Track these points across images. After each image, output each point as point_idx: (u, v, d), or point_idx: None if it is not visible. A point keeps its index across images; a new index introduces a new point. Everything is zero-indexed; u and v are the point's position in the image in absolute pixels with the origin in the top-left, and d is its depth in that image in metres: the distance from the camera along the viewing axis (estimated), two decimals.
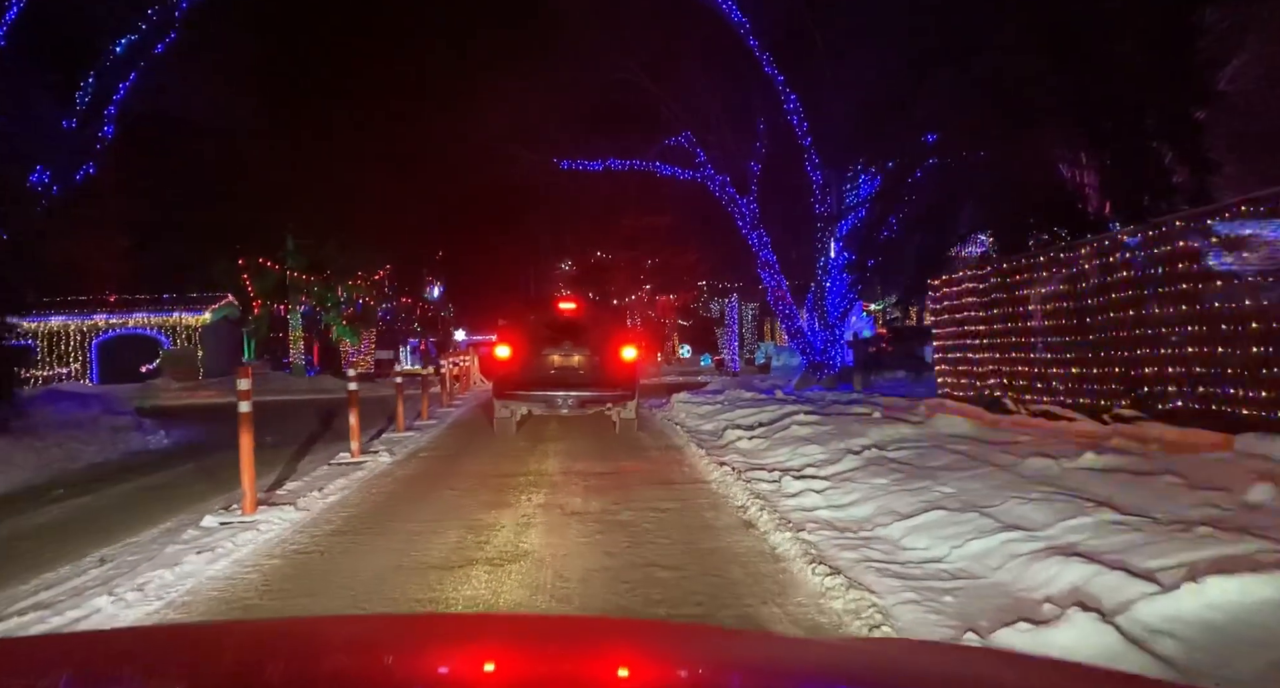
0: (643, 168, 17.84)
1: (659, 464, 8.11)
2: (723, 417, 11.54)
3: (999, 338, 9.36)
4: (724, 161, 17.31)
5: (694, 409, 13.01)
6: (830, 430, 8.52)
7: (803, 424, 9.08)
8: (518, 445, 9.82)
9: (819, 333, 16.60)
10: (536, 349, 10.02)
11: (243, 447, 5.67)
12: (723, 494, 6.35)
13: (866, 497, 5.52)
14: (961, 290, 10.36)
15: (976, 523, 4.38)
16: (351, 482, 7.22)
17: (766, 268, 16.86)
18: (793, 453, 7.85)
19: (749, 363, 38.30)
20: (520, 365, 10.03)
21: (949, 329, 11.05)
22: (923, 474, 5.87)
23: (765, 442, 8.68)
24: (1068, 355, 8.14)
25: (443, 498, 6.47)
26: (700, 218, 35.69)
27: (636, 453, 9.01)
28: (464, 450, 9.50)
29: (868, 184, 16.51)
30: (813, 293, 16.73)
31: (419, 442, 10.26)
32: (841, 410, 10.16)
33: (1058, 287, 8.22)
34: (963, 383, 10.68)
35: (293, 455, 9.39)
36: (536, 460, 8.52)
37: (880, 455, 6.81)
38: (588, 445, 9.77)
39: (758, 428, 9.79)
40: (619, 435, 10.66)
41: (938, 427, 8.01)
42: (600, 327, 10.73)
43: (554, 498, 6.34)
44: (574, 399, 9.92)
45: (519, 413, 10.41)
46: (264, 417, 10.57)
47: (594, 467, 7.99)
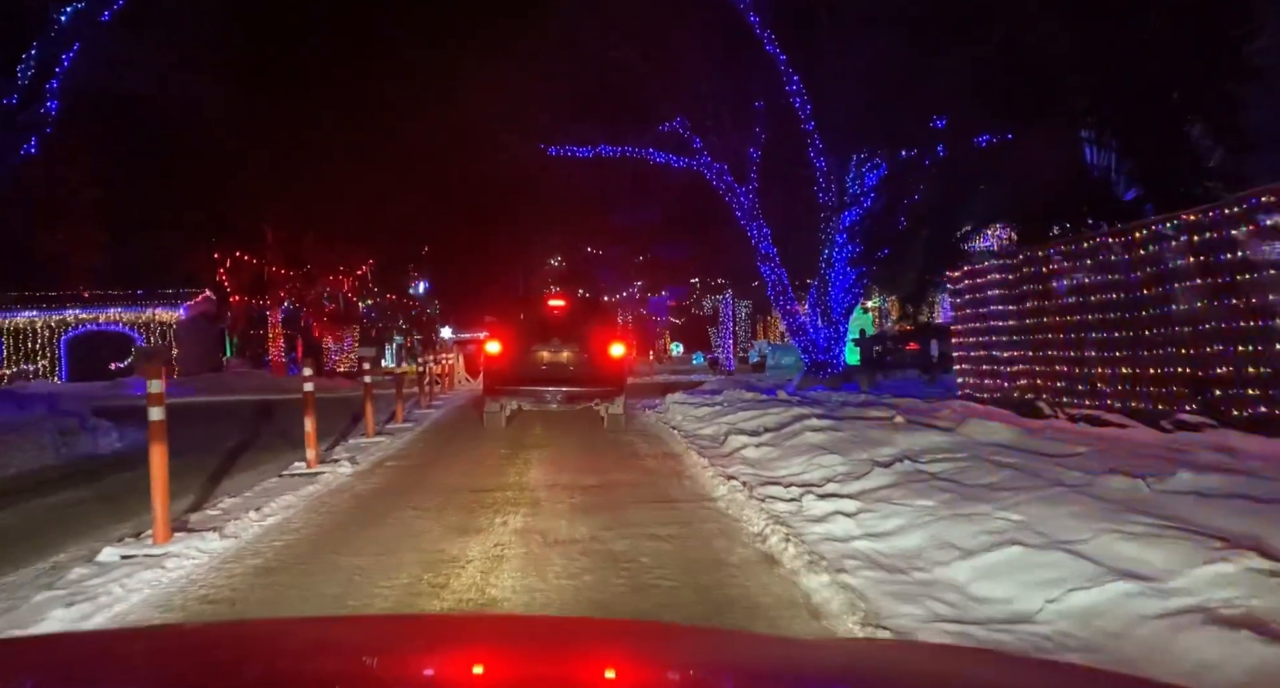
0: (635, 155, 16.86)
1: (656, 476, 7.13)
2: (723, 420, 10.58)
3: (1032, 334, 8.43)
4: (721, 149, 16.34)
5: (691, 411, 12.04)
6: (848, 437, 7.56)
7: (815, 429, 8.13)
8: (498, 452, 8.84)
9: (822, 330, 15.67)
10: (526, 345, 10.10)
11: (154, 463, 4.66)
12: (733, 516, 5.37)
13: (912, 523, 4.56)
14: (987, 282, 9.43)
15: (1071, 566, 3.42)
16: (299, 498, 6.21)
17: (766, 261, 15.91)
18: (808, 464, 6.89)
19: (743, 361, 37.39)
20: (510, 361, 10.10)
21: (971, 325, 10.12)
22: (974, 494, 4.92)
23: (775, 450, 7.71)
24: (1117, 353, 7.21)
25: (402, 521, 5.47)
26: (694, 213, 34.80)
27: (630, 461, 8.03)
28: (437, 459, 8.50)
29: (874, 172, 15.58)
30: (815, 287, 15.79)
31: (388, 448, 9.25)
32: (856, 414, 9.21)
33: (1105, 276, 7.29)
34: (987, 383, 9.75)
35: (244, 464, 8.38)
36: (517, 470, 7.53)
37: (914, 469, 5.85)
38: (575, 452, 8.79)
39: (764, 433, 8.82)
40: (610, 441, 9.70)
41: (972, 434, 7.07)
42: (589, 323, 10.75)
43: (534, 520, 5.36)
44: (562, 395, 9.97)
45: (509, 408, 10.49)
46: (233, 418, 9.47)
47: (582, 478, 7.01)
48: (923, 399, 11.16)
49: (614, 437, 10.13)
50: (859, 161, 14.82)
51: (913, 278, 12.35)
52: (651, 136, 16.82)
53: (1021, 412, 8.61)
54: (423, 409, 14.34)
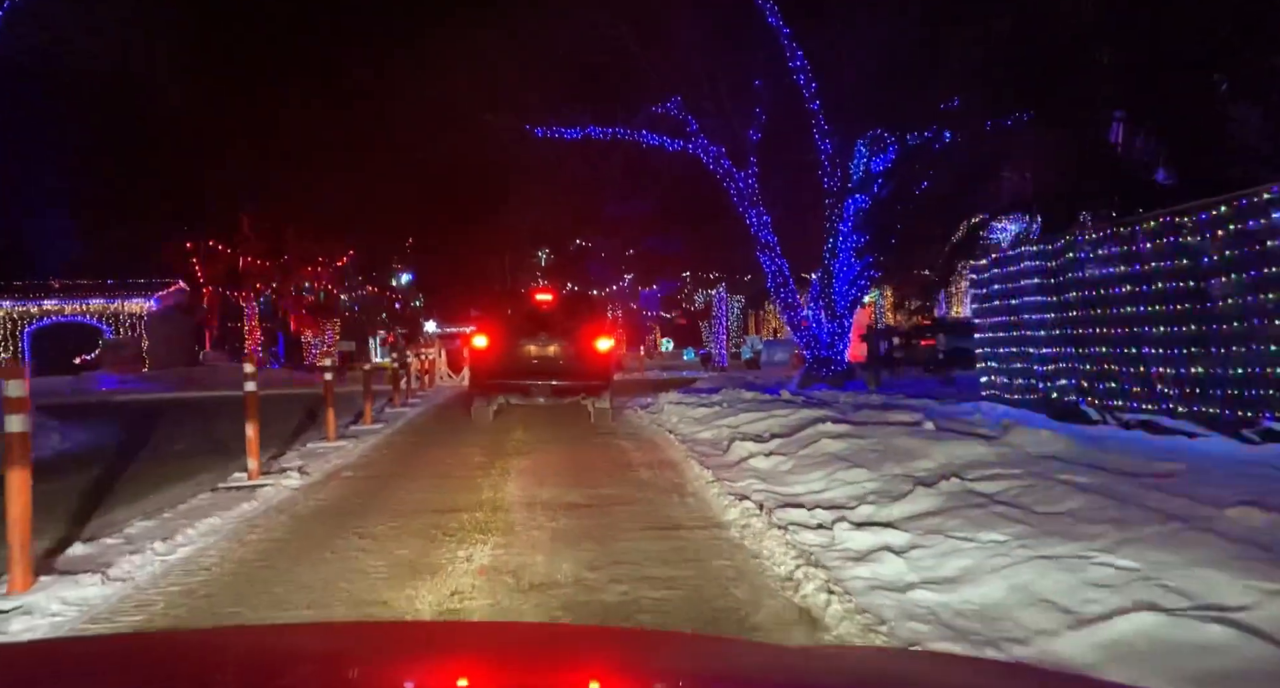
0: (627, 137, 15.81)
1: (653, 491, 6.13)
2: (724, 423, 9.60)
3: (1075, 327, 7.47)
4: (719, 131, 15.33)
5: (687, 412, 11.05)
6: (872, 447, 6.58)
7: (832, 436, 7.15)
8: (472, 460, 7.81)
9: (825, 325, 14.70)
10: (513, 340, 10.09)
11: (10, 492, 3.61)
12: (751, 550, 4.37)
13: (982, 565, 3.58)
14: (1020, 271, 8.47)
15: (1246, 649, 2.44)
16: (226, 521, 5.17)
17: (766, 250, 14.92)
18: (830, 478, 5.91)
19: (734, 358, 36.45)
20: (497, 356, 10.12)
21: (999, 318, 9.16)
22: (1053, 526, 3.94)
23: (788, 460, 6.73)
24: (1184, 350, 6.26)
25: (344, 555, 4.45)
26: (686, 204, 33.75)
27: (622, 471, 7.03)
28: (402, 468, 7.46)
29: (881, 157, 14.60)
30: (819, 279, 14.82)
31: (348, 455, 8.21)
32: (874, 417, 8.23)
33: (1171, 261, 6.33)
34: (1018, 383, 8.80)
35: (182, 473, 7.32)
36: (493, 484, 6.51)
37: (965, 489, 4.87)
38: (560, 460, 7.78)
39: (771, 439, 7.84)
40: (599, 446, 8.70)
41: (1020, 444, 6.10)
42: (577, 318, 10.69)
43: (506, 554, 4.35)
44: (549, 389, 9.99)
45: (496, 403, 10.51)
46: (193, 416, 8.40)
47: (567, 494, 6.01)
48: (940, 400, 10.21)
49: (604, 441, 9.13)
50: (868, 144, 13.84)
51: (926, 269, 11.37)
52: (645, 118, 15.78)
53: (1061, 416, 7.66)
54: (396, 408, 13.29)
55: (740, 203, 15.13)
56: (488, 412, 10.47)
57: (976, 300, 9.76)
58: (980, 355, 9.75)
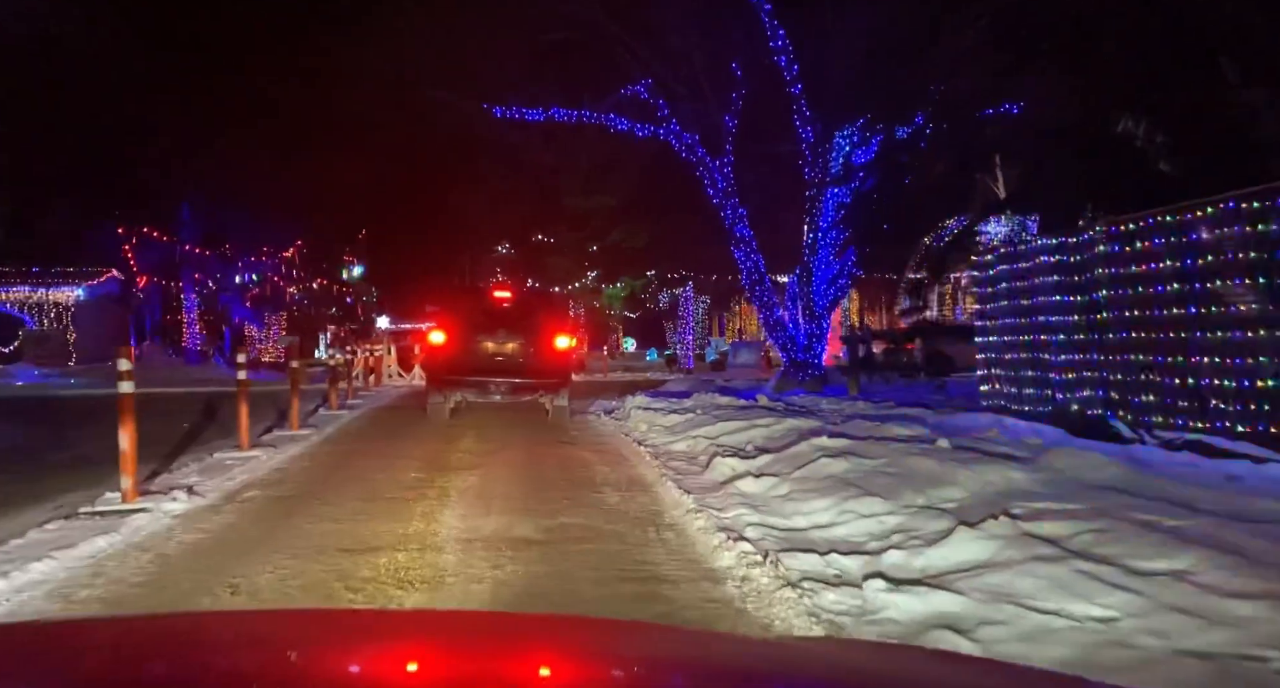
0: (594, 120, 14.68)
1: (623, 523, 5.01)
2: (700, 433, 8.52)
3: (1104, 331, 6.54)
4: (693, 117, 14.28)
5: (657, 419, 9.95)
6: (882, 468, 5.54)
7: (829, 453, 6.10)
8: (407, 476, 6.62)
9: (803, 326, 13.72)
10: (471, 336, 9.97)
11: None
12: (759, 619, 3.28)
13: (1104, 661, 2.53)
14: (1035, 267, 7.53)
15: None
16: (60, 567, 3.92)
17: (741, 245, 13.90)
18: (839, 509, 4.86)
19: (699, 359, 35.48)
20: (454, 352, 9.99)
21: (1006, 320, 8.22)
22: (1178, 598, 2.91)
23: (782, 483, 5.66)
24: (1249, 360, 5.34)
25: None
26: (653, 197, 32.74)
27: (585, 494, 5.90)
28: (318, 488, 6.23)
29: (865, 149, 13.69)
30: (797, 277, 13.83)
31: (259, 469, 6.94)
32: (874, 431, 7.21)
33: (1232, 255, 5.41)
34: (1028, 394, 7.86)
35: (49, 490, 6.03)
36: (427, 510, 5.34)
37: (1021, 532, 3.83)
38: (513, 476, 6.63)
39: (759, 455, 6.78)
40: (559, 460, 7.56)
41: (1062, 467, 5.11)
42: (536, 315, 10.56)
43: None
44: (507, 386, 9.85)
45: (453, 399, 10.33)
46: (105, 416, 7.25)
47: (517, 525, 4.87)
48: (936, 410, 9.25)
49: (564, 453, 8.00)
50: (852, 133, 12.89)
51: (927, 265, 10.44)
52: (613, 101, 14.67)
53: (1084, 431, 6.71)
54: (332, 410, 11.97)
55: (715, 194, 14.09)
56: (444, 409, 10.22)
57: (980, 300, 8.83)
58: (982, 361, 8.81)
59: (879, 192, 12.85)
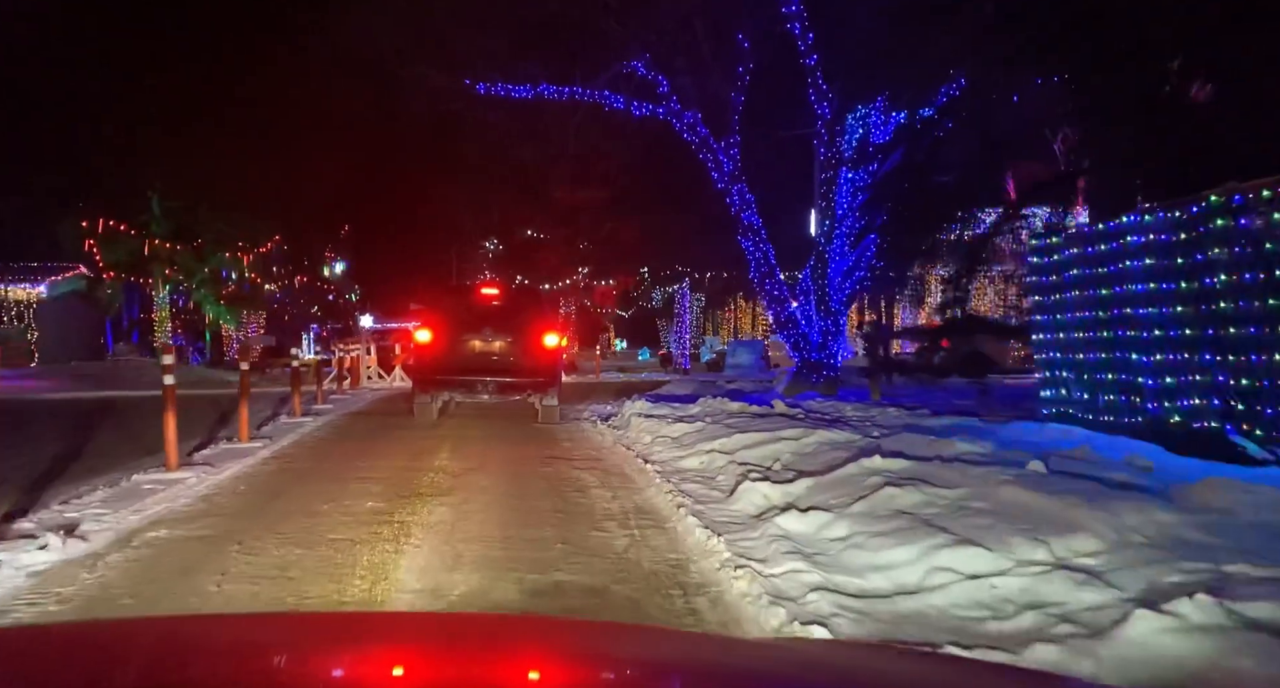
0: (587, 98, 13.41)
1: (639, 584, 3.74)
2: (715, 446, 7.28)
3: (1221, 325, 5.32)
4: (695, 93, 13.03)
5: (662, 428, 8.70)
6: (968, 501, 4.30)
7: (894, 480, 4.86)
8: (361, 506, 5.34)
9: (817, 322, 12.48)
10: (458, 335, 9.77)
11: None
12: None
13: None
14: (1119, 250, 6.31)
15: None
16: None
17: (749, 234, 12.65)
18: (928, 563, 3.62)
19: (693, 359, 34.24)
20: (441, 351, 9.77)
21: (1076, 314, 7.00)
22: None
23: (838, 521, 4.40)
24: None
25: None
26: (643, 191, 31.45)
27: (584, 532, 4.63)
28: (245, 524, 4.92)
29: (884, 128, 12.46)
30: (810, 269, 12.60)
31: (181, 496, 5.63)
32: (933, 449, 5.96)
33: None
34: (1106, 401, 6.63)
35: None
36: (375, 561, 4.06)
37: (1241, 621, 2.59)
38: (492, 505, 5.35)
39: (796, 478, 5.53)
40: (550, 483, 6.29)
41: (1218, 504, 3.88)
42: (524, 313, 10.28)
43: None
44: (495, 385, 9.62)
45: (440, 399, 10.11)
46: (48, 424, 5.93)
47: (494, 585, 3.61)
48: (985, 418, 8.02)
49: (556, 473, 6.74)
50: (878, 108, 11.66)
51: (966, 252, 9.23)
52: (608, 79, 13.40)
53: (1189, 448, 5.49)
54: (296, 417, 10.64)
55: (720, 178, 12.84)
56: (431, 410, 9.96)
57: (1037, 290, 7.61)
58: (1041, 362, 7.59)
59: (902, 174, 11.63)
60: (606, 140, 21.72)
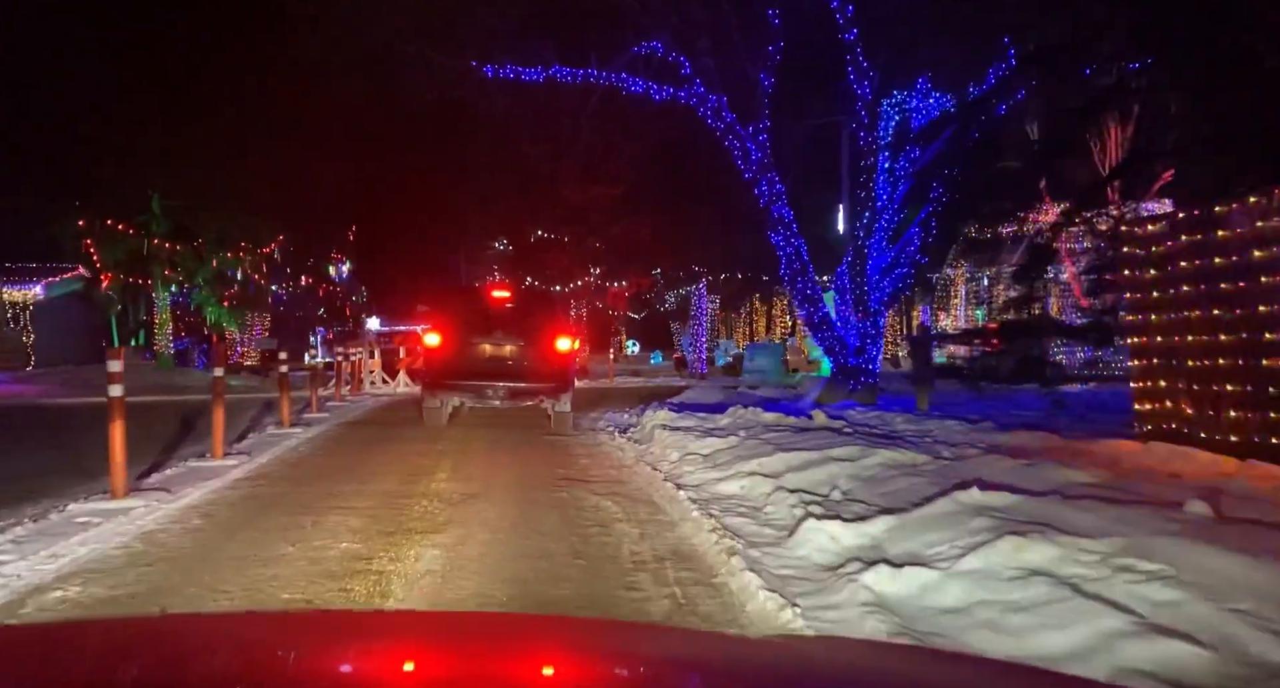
0: (602, 81, 12.38)
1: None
2: (755, 467, 6.25)
3: None
4: (720, 76, 11.99)
5: (690, 443, 7.66)
6: (1126, 560, 3.24)
7: (1009, 523, 3.80)
8: (334, 549, 4.32)
9: (854, 324, 11.40)
10: (467, 339, 9.58)
11: None
12: None
13: None
14: (1243, 238, 5.22)
15: None
16: None
17: (780, 228, 11.58)
18: (1110, 659, 2.54)
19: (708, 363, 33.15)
20: (450, 355, 9.59)
21: (1184, 313, 5.93)
22: None
23: (948, 582, 3.35)
24: None
25: None
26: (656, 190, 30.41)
27: (611, 591, 3.59)
28: (190, 573, 3.90)
29: (929, 109, 11.40)
30: (847, 266, 11.51)
31: (115, 536, 4.61)
32: (1043, 478, 4.88)
33: None
34: (1230, 417, 5.54)
35: None
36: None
37: None
38: (497, 547, 4.31)
39: (873, 516, 4.47)
40: (565, 513, 5.26)
41: None
42: (535, 316, 10.06)
43: None
44: (505, 391, 9.40)
45: (449, 404, 9.90)
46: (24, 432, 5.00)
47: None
48: (1063, 434, 6.93)
49: (572, 500, 5.70)
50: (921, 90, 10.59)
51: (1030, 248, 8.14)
52: (626, 60, 12.39)
53: None
54: (284, 428, 9.64)
55: (747, 168, 11.78)
56: (440, 415, 9.73)
57: (1132, 287, 6.52)
58: (1139, 369, 6.50)
59: (949, 162, 10.56)
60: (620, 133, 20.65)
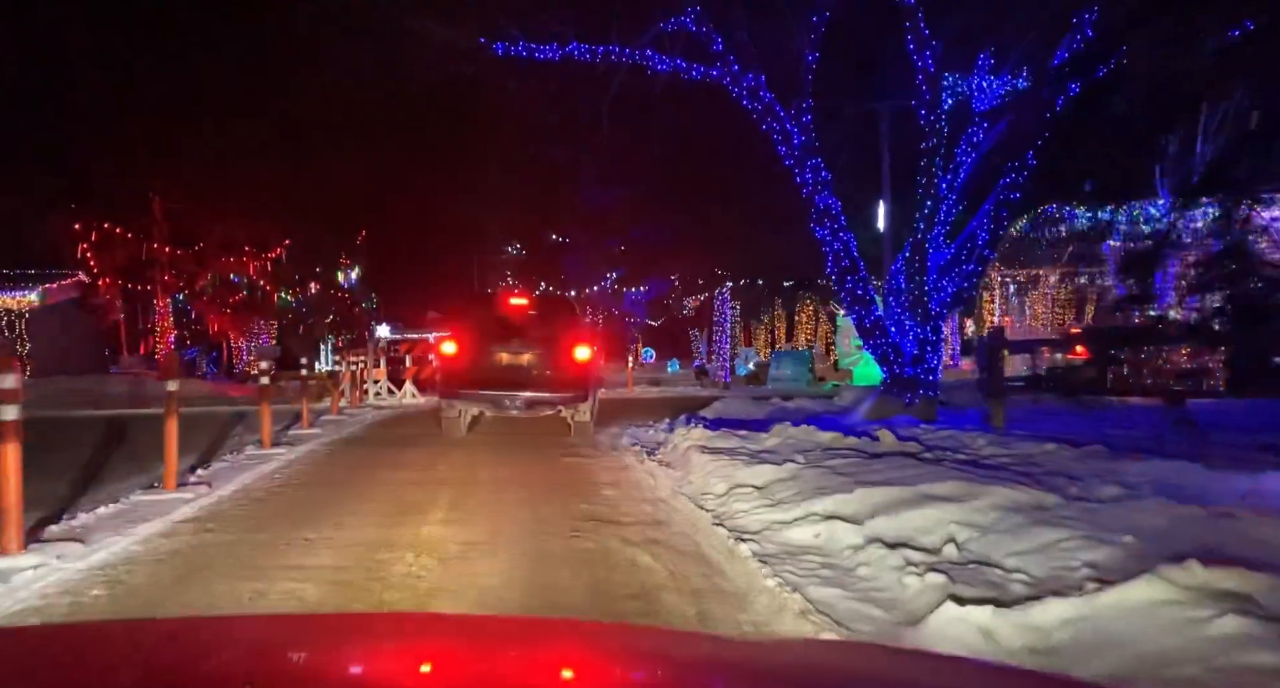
0: (625, 60, 11.12)
1: None
2: (829, 506, 4.93)
3: None
4: (756, 52, 10.71)
5: (736, 471, 6.33)
6: None
7: (1262, 618, 2.45)
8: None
9: (911, 329, 10.05)
10: (484, 347, 9.43)
11: None
12: None
13: None
14: None
15: None
16: None
17: (826, 220, 10.26)
18: None
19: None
20: (467, 363, 9.45)
21: None
22: None
23: None
24: None
25: None
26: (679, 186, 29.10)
27: None
28: None
29: (986, 92, 10.09)
30: (905, 262, 10.16)
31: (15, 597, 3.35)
32: (1232, 529, 3.53)
33: None
34: None
35: None
36: None
37: None
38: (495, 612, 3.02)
39: (1044, 598, 3.14)
40: (594, 577, 3.94)
41: None
42: (553, 323, 9.91)
43: None
44: (523, 400, 9.19)
45: (468, 413, 9.76)
46: None
47: None
48: (1206, 463, 5.55)
49: (598, 551, 4.41)
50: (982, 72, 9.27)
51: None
52: (652, 35, 11.14)
53: None
54: (265, 449, 8.38)
55: (788, 153, 10.48)
56: (459, 425, 9.65)
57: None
58: None
59: (1020, 145, 9.24)
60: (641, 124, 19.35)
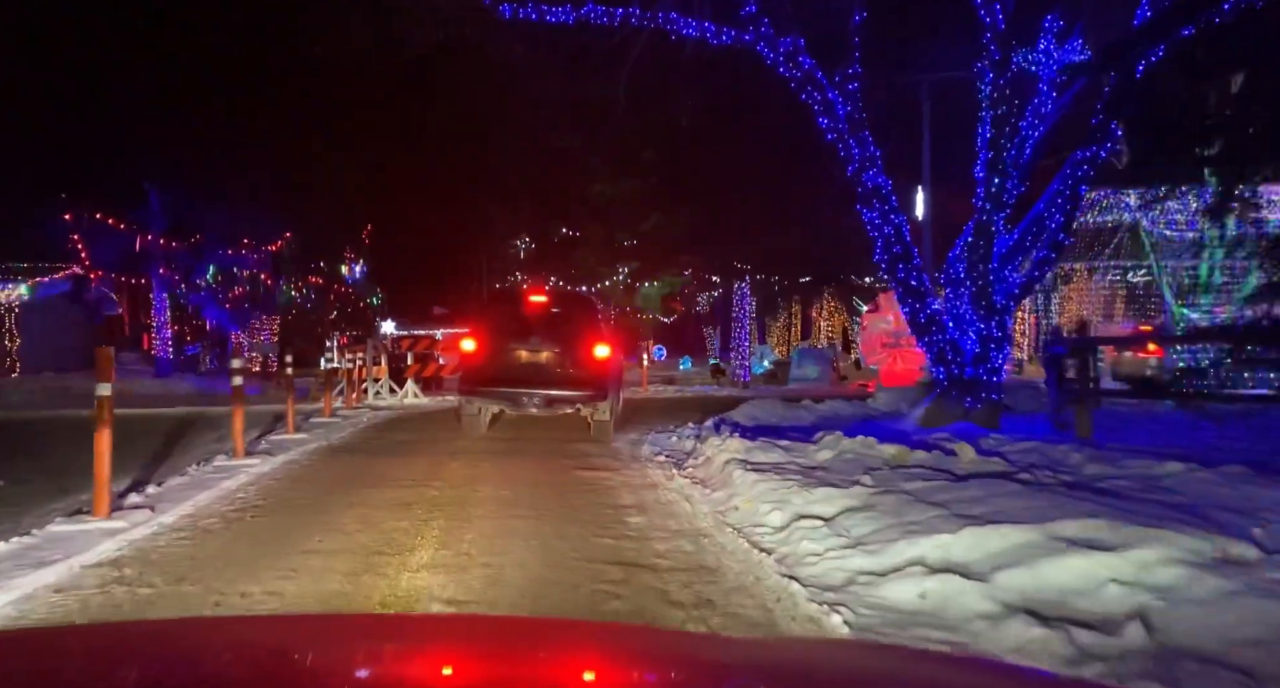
0: (647, 25, 9.96)
1: None
2: (930, 550, 3.83)
3: None
4: (792, 14, 9.54)
5: (792, 495, 5.19)
6: None
7: None
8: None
9: (972, 324, 8.88)
10: (504, 344, 9.40)
11: None
12: None
13: None
14: None
15: None
16: None
17: (874, 201, 9.09)
18: None
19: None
20: (486, 361, 9.42)
21: None
22: None
23: None
24: None
25: None
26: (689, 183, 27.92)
27: None
28: None
29: (1052, 58, 8.88)
30: (966, 248, 8.97)
31: None
32: None
33: None
34: None
35: None
36: None
37: None
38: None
39: None
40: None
41: None
42: (571, 321, 9.70)
43: None
44: (542, 398, 9.12)
45: (488, 411, 9.68)
46: None
47: None
48: None
49: (632, 612, 3.25)
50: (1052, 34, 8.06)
51: None
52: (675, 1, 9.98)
53: None
54: (237, 458, 7.28)
55: (830, 126, 9.29)
56: (480, 423, 9.60)
57: None
58: None
59: (1110, 107, 8.04)
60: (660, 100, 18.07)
